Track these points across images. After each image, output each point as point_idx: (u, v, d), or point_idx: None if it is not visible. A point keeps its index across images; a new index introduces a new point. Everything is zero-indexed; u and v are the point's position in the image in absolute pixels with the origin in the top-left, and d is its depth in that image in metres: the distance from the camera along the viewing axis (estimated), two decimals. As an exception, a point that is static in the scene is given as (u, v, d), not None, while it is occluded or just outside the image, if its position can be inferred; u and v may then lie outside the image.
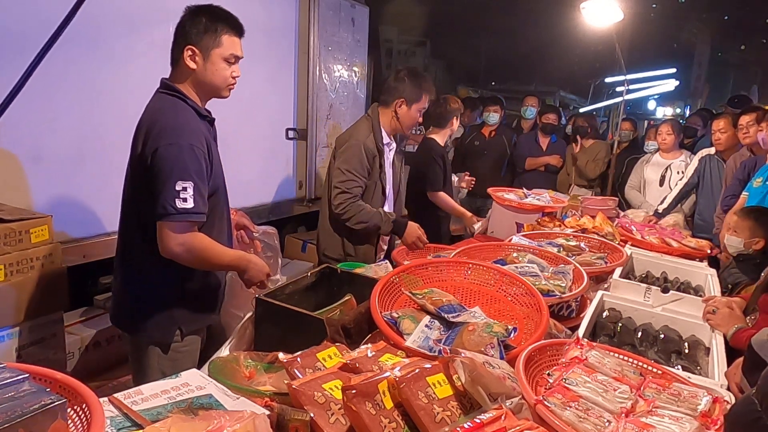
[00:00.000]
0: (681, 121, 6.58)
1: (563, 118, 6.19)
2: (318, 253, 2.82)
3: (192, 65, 1.76)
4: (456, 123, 3.63)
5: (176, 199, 1.62)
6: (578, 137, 5.23)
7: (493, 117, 5.17)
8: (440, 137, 3.64)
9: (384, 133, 2.63)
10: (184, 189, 1.63)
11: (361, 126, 2.64)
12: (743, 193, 3.26)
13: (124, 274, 1.86)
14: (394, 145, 2.75)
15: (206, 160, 1.72)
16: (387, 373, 1.08)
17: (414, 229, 2.64)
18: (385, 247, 2.84)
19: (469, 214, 3.63)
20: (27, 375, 0.91)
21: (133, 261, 1.83)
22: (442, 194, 3.64)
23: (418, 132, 5.51)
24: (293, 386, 1.08)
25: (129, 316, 1.87)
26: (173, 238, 1.66)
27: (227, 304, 2.05)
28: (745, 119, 3.50)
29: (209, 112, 1.88)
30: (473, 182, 4.18)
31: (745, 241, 2.51)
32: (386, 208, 2.74)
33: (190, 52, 1.75)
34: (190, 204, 1.64)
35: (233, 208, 2.07)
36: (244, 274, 1.87)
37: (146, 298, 1.82)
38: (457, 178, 4.21)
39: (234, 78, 1.83)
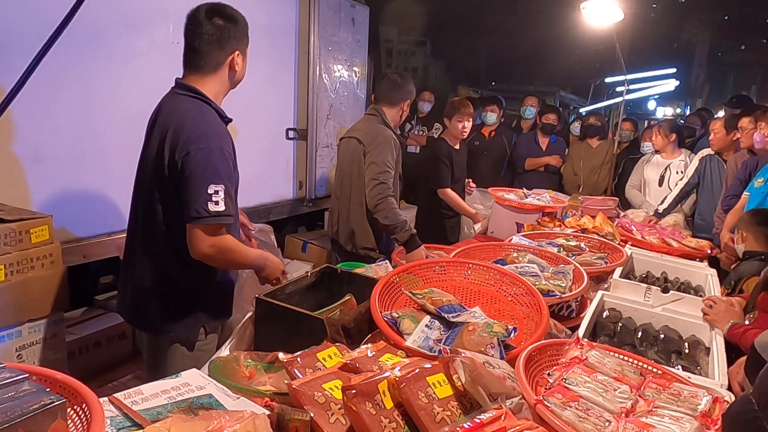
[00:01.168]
0: (681, 121, 6.58)
1: (566, 119, 6.19)
2: (350, 247, 2.90)
3: (237, 69, 1.82)
4: (458, 124, 3.67)
5: (209, 203, 1.65)
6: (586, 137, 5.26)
7: (491, 117, 5.18)
8: (449, 137, 3.82)
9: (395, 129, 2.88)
10: (216, 192, 1.66)
11: (377, 122, 2.84)
12: (744, 193, 3.25)
13: (146, 275, 1.86)
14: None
15: (233, 162, 1.77)
16: (387, 373, 1.08)
17: (421, 253, 2.68)
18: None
19: (473, 211, 3.69)
20: (27, 375, 0.91)
21: (158, 262, 1.83)
22: (449, 191, 3.73)
23: (421, 133, 5.52)
24: (293, 386, 1.08)
25: (153, 316, 1.87)
26: (205, 240, 1.69)
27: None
28: (745, 121, 3.50)
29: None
30: (473, 188, 4.20)
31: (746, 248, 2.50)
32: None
33: (240, 57, 1.81)
34: (221, 207, 1.67)
35: None
36: (261, 272, 1.91)
37: (173, 298, 1.84)
38: None
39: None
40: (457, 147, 3.78)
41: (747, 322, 1.87)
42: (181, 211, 1.69)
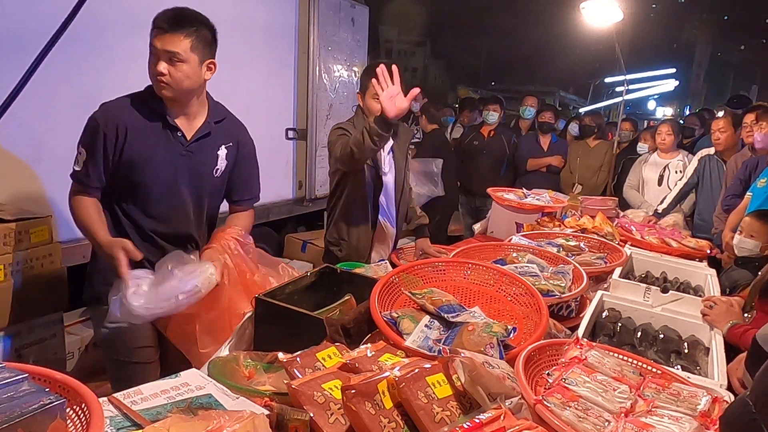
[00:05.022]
0: (680, 121, 6.59)
1: (568, 116, 6.21)
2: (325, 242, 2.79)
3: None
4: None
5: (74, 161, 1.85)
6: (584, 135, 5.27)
7: (493, 116, 5.18)
8: None
9: None
10: (79, 153, 1.84)
11: (356, 119, 2.66)
12: (747, 193, 3.25)
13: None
14: (390, 141, 2.68)
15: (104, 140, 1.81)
16: (387, 373, 1.08)
17: (397, 100, 2.20)
18: (390, 244, 2.80)
19: None
20: (26, 375, 0.91)
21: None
22: None
23: (416, 129, 5.53)
24: (293, 386, 1.08)
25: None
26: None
27: None
28: (749, 117, 3.50)
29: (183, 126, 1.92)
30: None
31: (762, 245, 2.49)
32: (384, 200, 2.68)
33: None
34: (77, 167, 1.84)
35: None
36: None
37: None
38: None
39: (156, 75, 1.80)
40: None
41: (746, 322, 1.88)
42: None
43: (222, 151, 1.99)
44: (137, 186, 1.87)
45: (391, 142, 2.68)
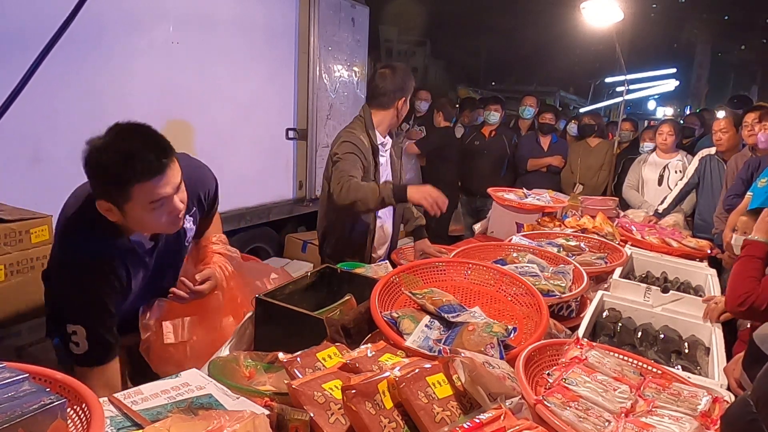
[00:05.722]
0: (680, 121, 6.59)
1: (568, 115, 6.22)
2: (322, 253, 2.76)
3: (113, 217, 1.45)
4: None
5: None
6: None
7: (494, 116, 5.19)
8: None
9: (378, 133, 2.59)
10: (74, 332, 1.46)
11: (353, 125, 2.60)
12: (748, 193, 3.24)
13: None
14: (389, 143, 2.71)
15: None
16: (387, 373, 1.08)
17: (424, 188, 2.28)
18: (380, 252, 2.80)
19: None
20: (27, 375, 0.91)
21: None
22: None
23: (420, 129, 5.54)
24: (293, 386, 1.08)
25: None
26: None
27: None
28: (750, 117, 3.50)
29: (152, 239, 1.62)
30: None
31: None
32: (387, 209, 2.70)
33: (105, 207, 1.43)
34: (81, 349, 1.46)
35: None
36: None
37: None
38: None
39: (172, 214, 1.48)
40: None
41: (742, 328, 1.89)
42: None
43: (188, 223, 1.71)
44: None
45: (389, 143, 2.69)
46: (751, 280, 1.78)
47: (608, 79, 19.01)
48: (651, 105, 23.41)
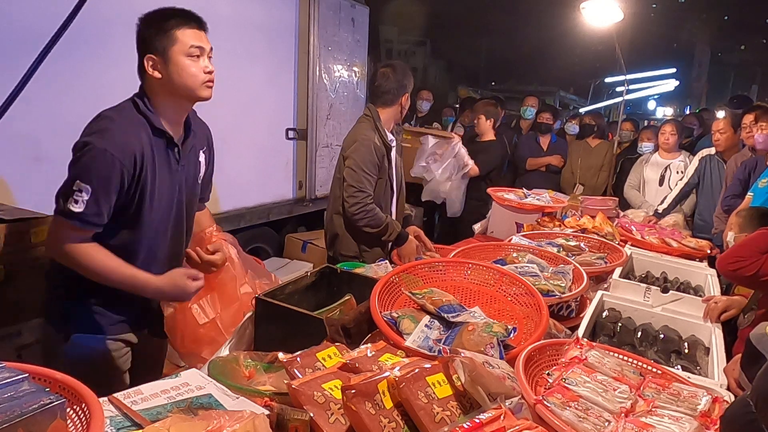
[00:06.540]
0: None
1: (559, 120, 6.23)
2: (332, 253, 2.80)
3: (157, 75, 1.65)
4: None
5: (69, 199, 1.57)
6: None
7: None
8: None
9: (386, 132, 2.67)
10: (79, 191, 1.56)
11: (364, 126, 2.66)
12: (748, 194, 3.24)
13: None
14: (394, 141, 2.76)
15: (121, 176, 1.58)
16: (387, 373, 1.08)
17: (412, 245, 2.65)
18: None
19: None
20: (26, 375, 0.91)
21: None
22: None
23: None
24: (293, 386, 1.08)
25: None
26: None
27: None
28: (748, 118, 3.49)
29: (181, 130, 1.74)
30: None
31: None
32: (393, 205, 2.78)
33: (150, 62, 1.65)
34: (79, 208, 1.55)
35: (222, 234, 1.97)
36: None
37: None
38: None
39: (207, 73, 1.65)
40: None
41: (741, 327, 1.90)
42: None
43: (201, 157, 1.85)
44: (140, 216, 1.65)
45: (394, 140, 2.74)
46: (756, 251, 1.86)
47: (608, 79, 19.01)
48: (651, 105, 23.43)
